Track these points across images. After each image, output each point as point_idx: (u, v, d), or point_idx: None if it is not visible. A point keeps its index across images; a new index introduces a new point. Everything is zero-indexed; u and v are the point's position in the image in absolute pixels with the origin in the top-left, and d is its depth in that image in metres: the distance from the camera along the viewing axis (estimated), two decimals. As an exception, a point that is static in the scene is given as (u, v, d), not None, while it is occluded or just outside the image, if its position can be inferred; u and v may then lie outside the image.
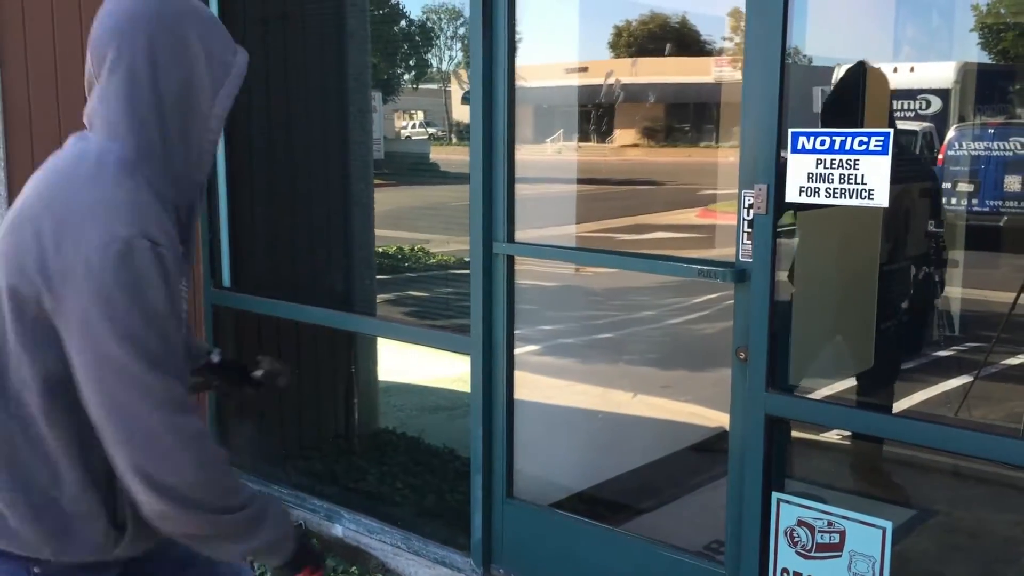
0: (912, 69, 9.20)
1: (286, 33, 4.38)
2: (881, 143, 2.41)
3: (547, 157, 5.19)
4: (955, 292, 6.66)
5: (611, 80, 4.47)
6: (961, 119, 9.17)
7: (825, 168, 2.49)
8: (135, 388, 1.48)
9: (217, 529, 1.58)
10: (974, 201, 8.39)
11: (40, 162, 1.69)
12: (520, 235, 3.26)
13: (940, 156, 9.00)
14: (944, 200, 8.61)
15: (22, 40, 3.78)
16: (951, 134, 9.09)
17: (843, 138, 2.46)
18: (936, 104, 9.79)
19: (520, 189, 3.27)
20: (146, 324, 1.48)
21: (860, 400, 3.50)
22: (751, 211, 2.62)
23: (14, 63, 3.76)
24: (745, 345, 2.68)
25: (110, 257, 1.45)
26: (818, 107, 4.94)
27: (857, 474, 4.01)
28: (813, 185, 2.52)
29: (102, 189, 1.52)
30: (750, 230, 2.64)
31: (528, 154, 4.53)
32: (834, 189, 2.49)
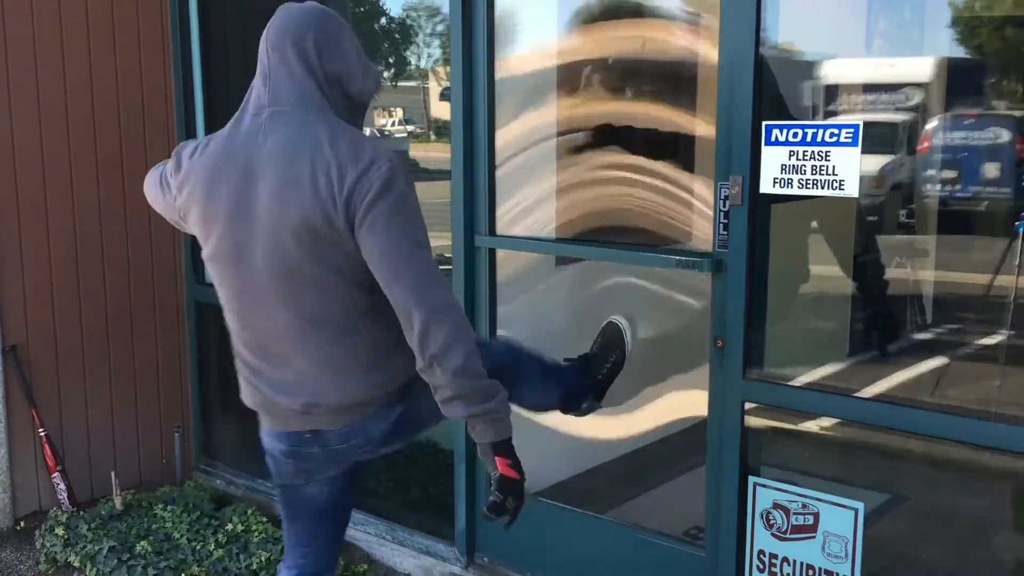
0: (893, 64, 9.31)
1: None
2: (851, 135, 2.48)
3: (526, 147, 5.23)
4: (928, 276, 6.75)
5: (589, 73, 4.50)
6: (942, 111, 9.27)
7: (798, 160, 2.56)
8: (429, 272, 1.98)
9: (462, 384, 1.98)
10: (956, 187, 8.49)
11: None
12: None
13: (925, 145, 9.10)
14: (928, 187, 8.72)
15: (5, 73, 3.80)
16: (933, 124, 9.18)
17: (815, 130, 2.52)
18: (917, 97, 9.89)
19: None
20: (421, 220, 2.01)
21: (835, 385, 3.57)
22: (727, 202, 2.69)
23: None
24: (722, 333, 2.74)
25: (386, 173, 1.95)
26: (808, 101, 5.04)
27: (832, 459, 4.09)
28: (787, 176, 2.58)
29: (348, 137, 2.01)
30: (726, 221, 2.70)
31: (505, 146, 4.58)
32: (807, 180, 2.55)
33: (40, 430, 3.96)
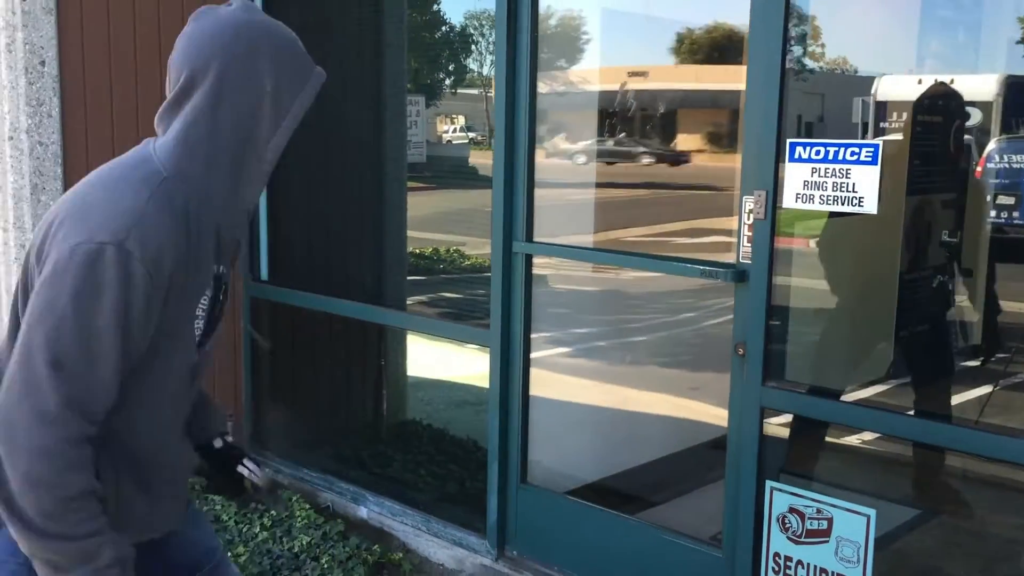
0: (952, 81, 9.19)
1: (327, 40, 4.61)
2: (871, 154, 2.57)
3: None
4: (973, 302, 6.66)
5: (625, 89, 4.62)
6: (1003, 131, 9.12)
7: (820, 176, 2.66)
8: (28, 378, 1.51)
9: (26, 543, 1.53)
10: (1015, 214, 8.34)
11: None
12: (583, 238, 3.47)
13: (979, 168, 8.97)
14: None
15: (80, 50, 4.04)
16: (991, 146, 9.03)
17: (836, 149, 2.62)
18: (976, 116, 9.74)
19: (580, 193, 3.44)
20: (76, 330, 1.51)
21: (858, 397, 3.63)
22: (751, 216, 2.79)
23: (73, 80, 4.03)
24: (743, 341, 2.84)
25: (77, 257, 1.50)
26: (858, 117, 5.05)
27: (866, 474, 4.13)
28: (808, 192, 2.68)
29: (112, 193, 1.58)
30: (750, 233, 2.81)
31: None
32: (827, 196, 2.65)
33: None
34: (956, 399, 5.30)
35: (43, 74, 3.91)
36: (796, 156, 2.69)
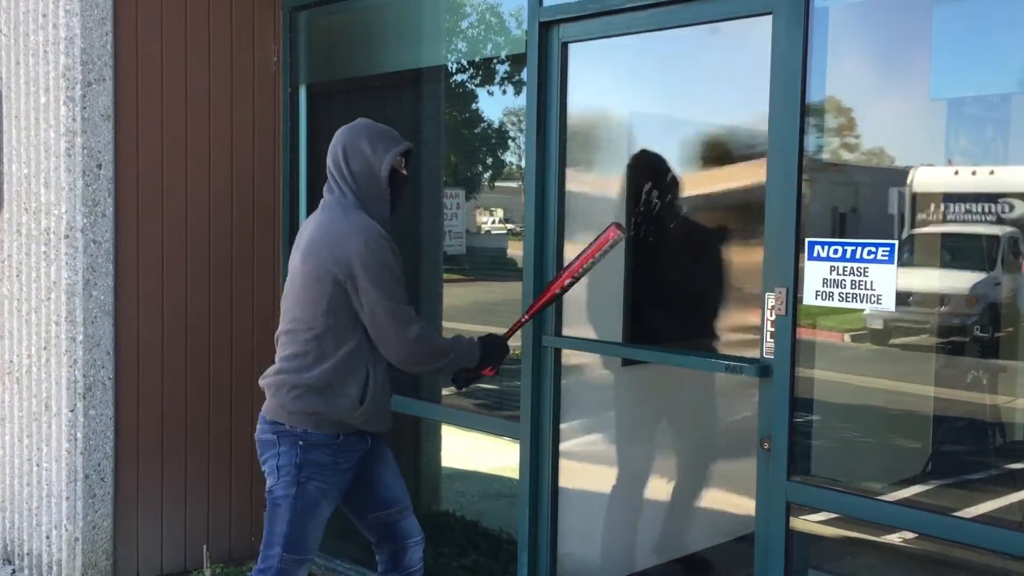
0: (992, 172, 9.18)
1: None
2: (887, 253, 2.63)
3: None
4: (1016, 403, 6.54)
5: (649, 189, 4.71)
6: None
7: (838, 275, 2.72)
8: (389, 318, 3.01)
9: (436, 367, 3.21)
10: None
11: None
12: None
13: (1025, 264, 8.88)
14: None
15: (134, 102, 4.27)
16: (1042, 242, 8.92)
17: (854, 248, 2.69)
18: (1021, 208, 9.68)
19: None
20: (393, 280, 3.03)
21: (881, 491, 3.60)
22: (773, 312, 2.85)
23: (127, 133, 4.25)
24: (768, 436, 2.87)
25: (366, 249, 2.98)
26: (894, 208, 5.09)
27: (901, 572, 4.06)
28: (828, 290, 2.74)
29: (343, 220, 3.06)
30: (772, 329, 2.86)
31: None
32: (846, 294, 2.71)
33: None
34: (999, 501, 5.19)
35: (99, 176, 4.13)
36: (815, 255, 2.77)
